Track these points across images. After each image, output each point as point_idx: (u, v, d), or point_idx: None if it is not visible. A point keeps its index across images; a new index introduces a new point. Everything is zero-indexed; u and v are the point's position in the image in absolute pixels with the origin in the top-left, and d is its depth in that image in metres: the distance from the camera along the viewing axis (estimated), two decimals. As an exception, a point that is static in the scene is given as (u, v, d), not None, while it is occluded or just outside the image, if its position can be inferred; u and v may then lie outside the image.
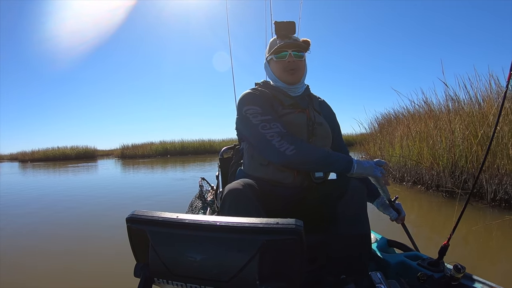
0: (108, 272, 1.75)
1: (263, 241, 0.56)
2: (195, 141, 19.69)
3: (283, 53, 1.07)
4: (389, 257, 1.07)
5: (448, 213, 2.63)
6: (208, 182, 1.89)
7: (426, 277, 0.88)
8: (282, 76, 1.09)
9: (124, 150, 19.66)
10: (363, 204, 0.95)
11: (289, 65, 1.07)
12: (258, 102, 1.02)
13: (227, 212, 0.85)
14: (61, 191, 5.38)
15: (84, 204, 4.01)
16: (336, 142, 1.19)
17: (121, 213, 3.26)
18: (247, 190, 0.87)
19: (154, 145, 19.37)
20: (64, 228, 2.87)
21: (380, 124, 6.85)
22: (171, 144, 19.38)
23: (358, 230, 0.93)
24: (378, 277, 0.79)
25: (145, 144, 19.95)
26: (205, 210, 1.62)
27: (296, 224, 0.55)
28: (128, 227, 0.65)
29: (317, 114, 1.13)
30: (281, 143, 0.93)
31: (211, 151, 18.56)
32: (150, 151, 18.73)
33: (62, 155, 20.17)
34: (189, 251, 0.60)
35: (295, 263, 0.59)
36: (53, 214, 3.50)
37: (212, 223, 0.59)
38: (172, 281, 0.63)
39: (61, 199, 4.51)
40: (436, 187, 3.44)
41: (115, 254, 1.99)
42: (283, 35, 1.08)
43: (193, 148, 19.03)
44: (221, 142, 19.74)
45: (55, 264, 1.94)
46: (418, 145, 3.94)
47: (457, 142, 3.32)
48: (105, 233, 2.58)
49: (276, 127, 0.96)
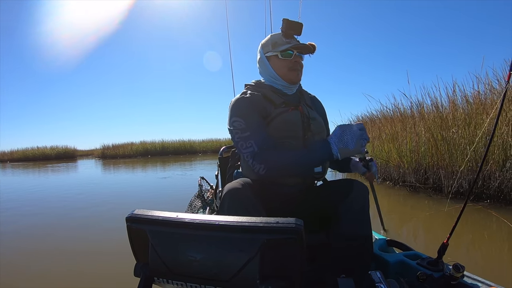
0: (108, 272, 1.75)
1: (264, 240, 0.56)
2: (175, 141, 19.86)
3: (290, 51, 1.06)
4: (388, 256, 1.08)
5: (411, 203, 3.18)
6: (207, 181, 1.89)
7: (425, 276, 0.88)
8: (286, 75, 1.08)
9: (105, 150, 19.53)
10: (366, 205, 0.96)
11: (295, 65, 1.07)
12: (244, 112, 1.01)
13: (226, 212, 0.85)
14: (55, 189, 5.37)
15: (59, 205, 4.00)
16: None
17: (103, 209, 3.39)
18: (247, 189, 0.87)
19: (135, 145, 19.39)
20: (63, 226, 2.87)
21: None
22: (152, 144, 19.50)
23: (360, 231, 0.93)
24: (378, 276, 0.79)
25: (126, 144, 19.92)
26: (205, 209, 1.61)
27: (296, 224, 0.55)
28: (128, 226, 0.65)
29: (310, 109, 1.12)
30: (253, 164, 0.94)
31: (191, 151, 18.86)
32: (130, 151, 18.71)
33: (42, 155, 19.91)
34: (189, 250, 0.60)
35: (296, 263, 0.59)
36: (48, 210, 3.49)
37: (212, 222, 0.59)
38: (172, 280, 0.63)
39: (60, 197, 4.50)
40: (402, 182, 3.95)
41: (116, 253, 1.99)
42: (290, 34, 1.08)
43: (174, 148, 19.18)
44: (201, 143, 20.17)
45: (50, 264, 1.94)
46: (387, 145, 4.37)
47: (420, 143, 3.74)
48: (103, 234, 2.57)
49: (251, 145, 0.96)
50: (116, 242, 2.18)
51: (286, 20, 1.05)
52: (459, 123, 3.34)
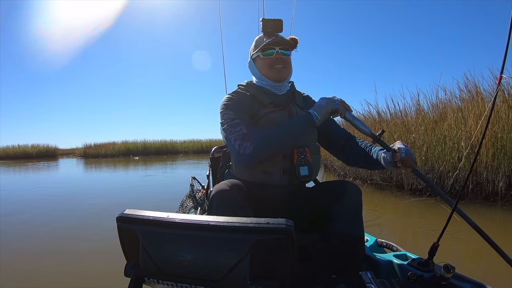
0: (98, 272, 1.73)
1: (254, 240, 0.56)
2: (157, 142, 20.08)
3: (270, 50, 1.05)
4: (379, 257, 1.08)
5: (378, 198, 3.74)
6: (198, 181, 1.88)
7: (416, 276, 0.89)
8: (269, 74, 1.07)
9: (87, 149, 19.50)
10: (359, 206, 0.96)
11: (276, 62, 1.05)
12: (232, 106, 1.02)
13: (214, 212, 0.85)
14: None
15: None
16: (333, 129, 1.15)
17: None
18: (234, 190, 0.87)
19: (117, 145, 19.41)
20: (59, 224, 2.84)
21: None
22: (134, 144, 19.61)
23: (353, 232, 0.94)
24: (369, 277, 0.79)
25: (108, 143, 19.91)
26: (196, 209, 1.61)
27: (286, 224, 0.55)
28: (118, 226, 0.65)
29: (300, 110, 1.11)
30: (240, 145, 0.93)
31: (173, 151, 19.10)
32: (113, 150, 18.72)
33: (23, 153, 19.72)
34: (180, 250, 0.60)
35: (286, 263, 0.60)
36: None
37: (203, 223, 0.59)
38: (163, 280, 0.63)
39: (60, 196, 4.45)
40: (370, 181, 4.43)
41: (105, 253, 1.98)
42: (270, 32, 1.07)
43: (155, 149, 19.40)
44: (183, 143, 20.43)
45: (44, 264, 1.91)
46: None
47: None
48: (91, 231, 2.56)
49: (240, 129, 0.95)
50: (105, 242, 2.17)
51: (263, 20, 1.06)
52: (419, 128, 3.94)
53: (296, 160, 1.01)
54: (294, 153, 1.01)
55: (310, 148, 1.05)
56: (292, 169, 1.02)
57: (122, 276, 0.66)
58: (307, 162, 1.02)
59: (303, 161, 1.01)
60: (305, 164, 1.02)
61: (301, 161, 1.01)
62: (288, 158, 1.02)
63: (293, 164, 1.02)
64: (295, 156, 1.01)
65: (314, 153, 1.06)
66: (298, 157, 1.01)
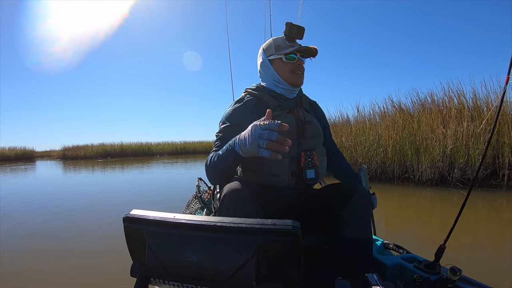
0: (104, 271, 1.74)
1: (260, 242, 0.56)
2: (133, 144, 20.66)
3: (293, 55, 1.06)
4: (385, 259, 1.07)
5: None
6: (205, 182, 1.88)
7: (422, 279, 0.88)
8: (290, 78, 1.07)
9: (65, 151, 19.81)
10: (368, 209, 0.97)
11: (298, 68, 1.07)
12: (229, 119, 1.03)
13: (225, 212, 0.85)
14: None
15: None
16: (326, 140, 1.19)
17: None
18: (245, 190, 0.87)
19: (95, 147, 19.81)
20: (59, 224, 2.86)
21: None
22: (111, 146, 20.02)
23: (362, 234, 0.94)
24: (375, 279, 0.78)
25: (86, 146, 20.34)
26: (202, 210, 1.61)
27: (293, 226, 0.55)
28: (125, 226, 0.65)
29: (307, 113, 1.11)
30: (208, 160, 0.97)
31: (149, 153, 19.81)
32: (91, 152, 19.13)
33: (0, 156, 19.91)
34: (186, 251, 0.60)
35: (292, 264, 0.59)
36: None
37: (209, 224, 0.59)
38: (168, 281, 0.63)
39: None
40: None
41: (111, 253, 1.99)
42: (293, 37, 1.07)
43: (132, 150, 19.94)
44: (158, 145, 21.07)
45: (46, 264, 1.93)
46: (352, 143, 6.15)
47: (370, 142, 5.57)
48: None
49: (217, 146, 0.98)
50: (105, 242, 2.18)
51: (289, 24, 1.05)
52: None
53: (303, 163, 1.02)
54: (302, 156, 1.02)
55: (317, 151, 1.06)
56: (299, 171, 1.02)
57: (128, 276, 0.66)
58: (313, 165, 1.03)
59: (310, 164, 1.02)
60: (312, 167, 1.02)
61: (308, 164, 1.02)
62: (295, 161, 1.02)
63: (300, 167, 1.02)
64: (302, 159, 1.02)
65: (320, 155, 1.07)
66: (305, 160, 1.02)
